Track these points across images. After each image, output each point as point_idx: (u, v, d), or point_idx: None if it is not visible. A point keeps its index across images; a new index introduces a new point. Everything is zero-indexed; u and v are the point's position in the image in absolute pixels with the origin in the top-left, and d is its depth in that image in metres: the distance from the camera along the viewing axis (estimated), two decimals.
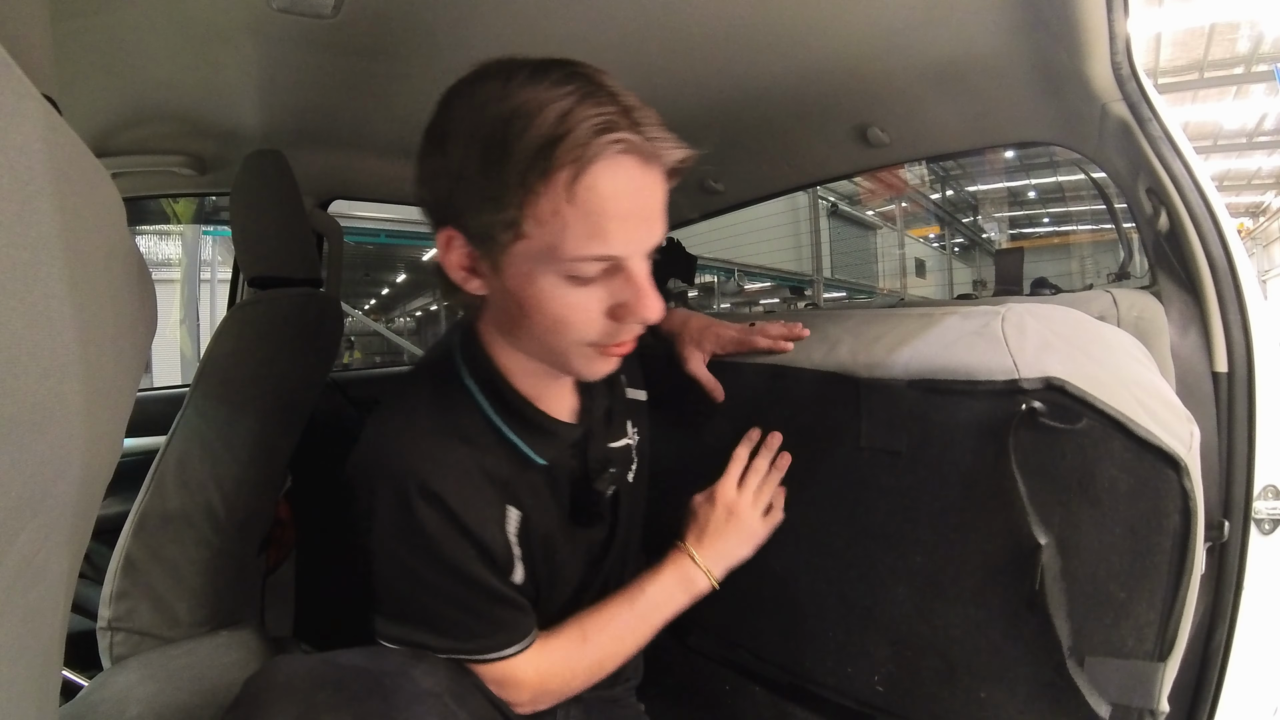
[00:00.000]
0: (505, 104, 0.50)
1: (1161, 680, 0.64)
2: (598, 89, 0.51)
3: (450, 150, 0.53)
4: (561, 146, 0.49)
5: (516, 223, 0.51)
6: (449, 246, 0.56)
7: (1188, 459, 0.62)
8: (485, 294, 0.59)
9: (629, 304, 0.55)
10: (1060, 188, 11.47)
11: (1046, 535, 0.66)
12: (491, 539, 0.61)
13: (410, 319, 13.13)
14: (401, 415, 0.62)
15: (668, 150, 0.53)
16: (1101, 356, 0.68)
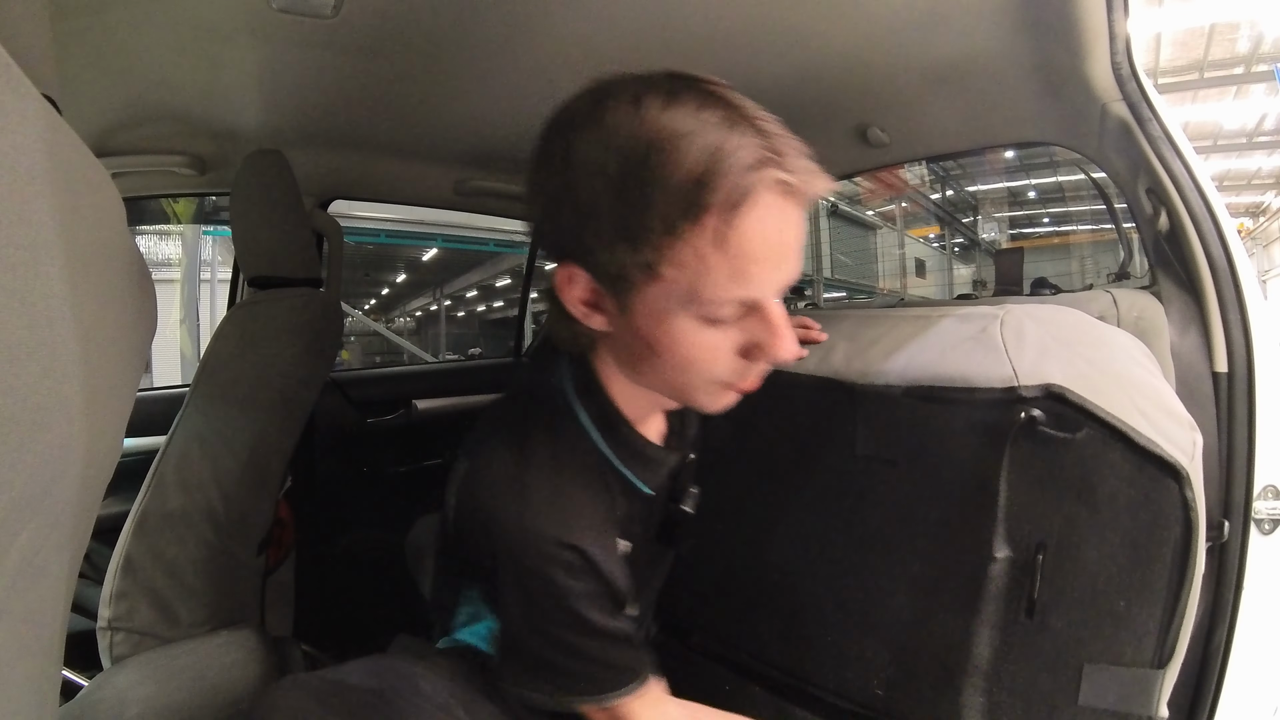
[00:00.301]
0: (641, 134, 0.46)
1: (1161, 687, 0.64)
2: (738, 115, 0.47)
3: (577, 182, 0.48)
4: (710, 187, 0.45)
5: (653, 264, 0.48)
6: (571, 281, 0.53)
7: (1189, 468, 0.61)
8: (608, 330, 0.55)
9: (763, 344, 0.52)
10: (1060, 188, 11.47)
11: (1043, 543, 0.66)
12: (619, 579, 0.60)
13: (410, 319, 13.14)
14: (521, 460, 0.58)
15: (815, 183, 0.49)
16: (1102, 360, 0.67)
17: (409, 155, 1.39)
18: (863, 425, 0.76)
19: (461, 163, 1.46)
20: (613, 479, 0.62)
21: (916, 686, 0.74)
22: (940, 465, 0.72)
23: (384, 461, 1.69)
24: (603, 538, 0.59)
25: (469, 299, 12.99)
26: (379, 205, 1.89)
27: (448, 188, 1.53)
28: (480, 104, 1.13)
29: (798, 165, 0.47)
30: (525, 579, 0.55)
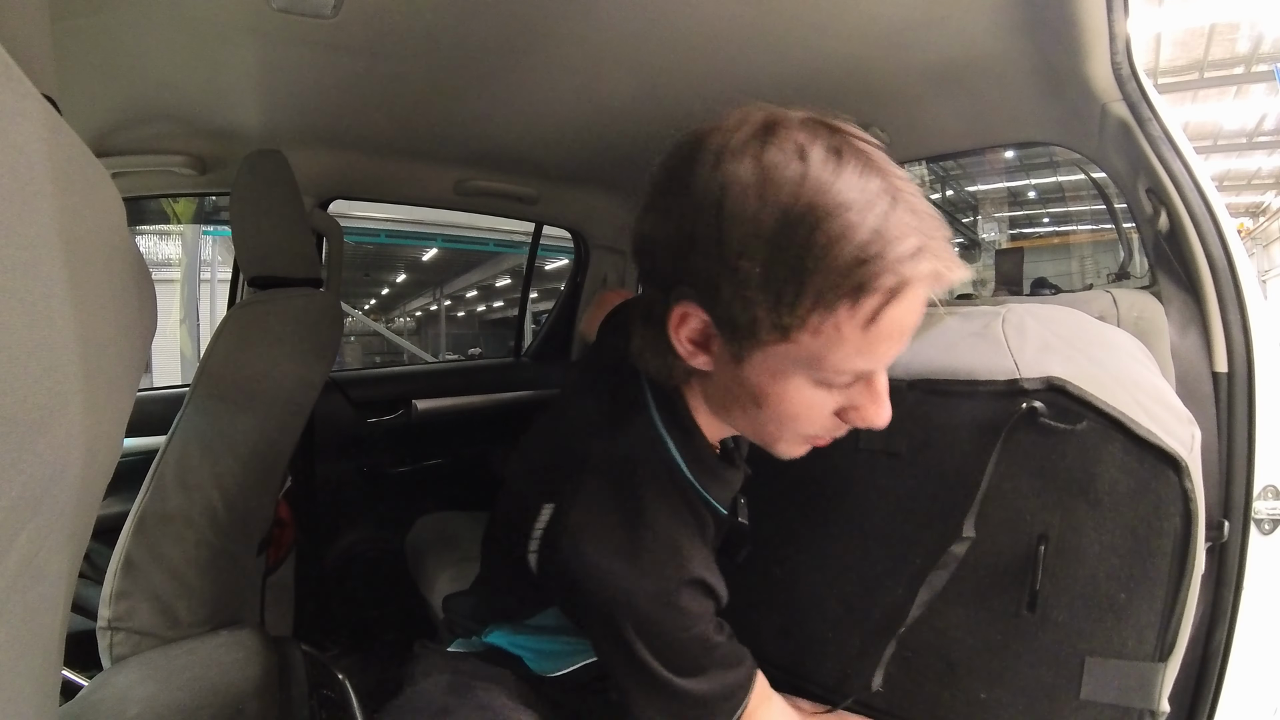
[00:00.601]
0: (806, 197, 0.44)
1: (1162, 681, 0.64)
2: (894, 188, 0.46)
3: (724, 228, 0.46)
4: (874, 273, 0.44)
5: (789, 328, 0.47)
6: (684, 321, 0.52)
7: (1188, 460, 0.62)
8: (709, 370, 0.55)
9: (862, 409, 0.53)
10: (1060, 188, 11.47)
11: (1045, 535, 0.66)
12: (723, 595, 0.61)
13: (410, 319, 13.14)
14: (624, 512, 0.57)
15: (955, 275, 0.48)
16: (1102, 357, 0.68)
17: (409, 155, 1.39)
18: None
19: (461, 163, 1.46)
20: (699, 504, 0.62)
21: (917, 682, 0.74)
22: (943, 458, 0.72)
23: (384, 461, 1.69)
24: (708, 561, 0.60)
25: (469, 299, 12.99)
26: (379, 205, 1.89)
27: (448, 188, 1.53)
28: (480, 104, 1.13)
29: (946, 253, 0.47)
30: (647, 626, 0.55)
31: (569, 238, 1.92)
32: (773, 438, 0.57)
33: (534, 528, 0.59)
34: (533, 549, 0.58)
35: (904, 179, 0.48)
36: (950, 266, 0.47)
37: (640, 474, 0.58)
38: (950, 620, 0.72)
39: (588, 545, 0.55)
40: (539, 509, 0.59)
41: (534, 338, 2.12)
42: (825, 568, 0.81)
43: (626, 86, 1.06)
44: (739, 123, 0.49)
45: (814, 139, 0.47)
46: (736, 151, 0.47)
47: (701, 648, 0.58)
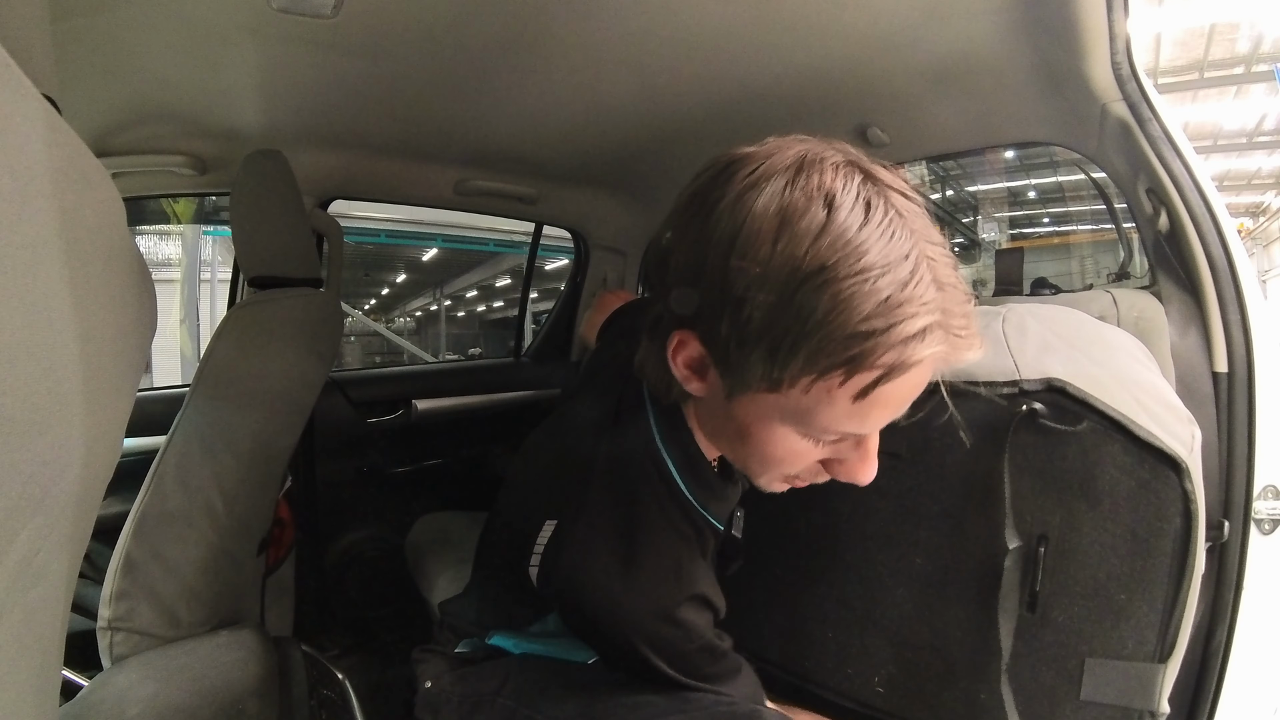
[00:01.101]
0: (823, 255, 0.42)
1: (1162, 682, 0.64)
2: (919, 249, 0.43)
3: (735, 269, 0.44)
4: (876, 349, 0.42)
5: (780, 383, 0.45)
6: (682, 347, 0.51)
7: (1189, 460, 0.62)
8: (702, 397, 0.54)
9: (847, 465, 0.53)
10: (1060, 188, 11.46)
11: (1045, 536, 0.66)
12: (722, 606, 0.62)
13: (410, 319, 13.13)
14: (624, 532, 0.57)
15: (963, 353, 0.45)
16: (1102, 357, 0.68)
17: (409, 155, 1.39)
18: None
19: (461, 163, 1.46)
20: (698, 519, 0.62)
21: (918, 683, 0.74)
22: (943, 458, 0.72)
23: (384, 461, 1.69)
24: (706, 576, 0.61)
25: (469, 299, 12.99)
26: (379, 205, 1.89)
27: (448, 188, 1.53)
28: (480, 104, 1.13)
29: (961, 332, 0.44)
30: (654, 641, 0.56)
31: (569, 238, 1.92)
32: (753, 472, 0.57)
33: (535, 543, 0.58)
34: (534, 563, 0.58)
35: (936, 244, 0.45)
36: (960, 348, 0.45)
37: (641, 492, 0.58)
38: (950, 620, 0.72)
39: (589, 565, 0.55)
40: (541, 524, 0.59)
41: (534, 338, 2.12)
42: (825, 568, 0.81)
43: (626, 86, 1.06)
44: (772, 153, 0.46)
45: (845, 186, 0.44)
46: (762, 186, 0.44)
47: (709, 657, 0.59)
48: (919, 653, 0.74)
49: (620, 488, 0.58)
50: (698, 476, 0.61)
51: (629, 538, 0.56)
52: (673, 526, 0.59)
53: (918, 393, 0.47)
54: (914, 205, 0.46)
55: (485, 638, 0.71)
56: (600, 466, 0.59)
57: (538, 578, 0.58)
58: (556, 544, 0.57)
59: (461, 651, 0.73)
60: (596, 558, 0.55)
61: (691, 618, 0.57)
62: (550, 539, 0.58)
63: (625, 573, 0.55)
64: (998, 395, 0.69)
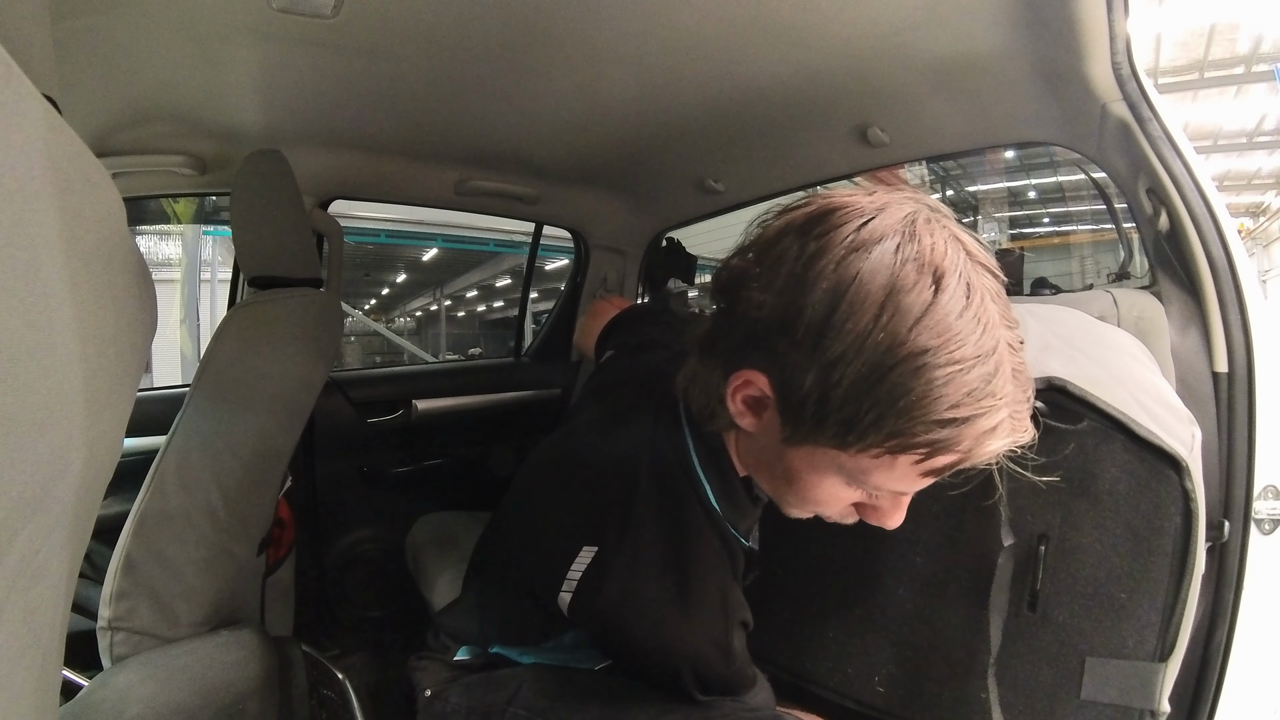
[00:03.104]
0: (920, 336, 0.42)
1: (1162, 681, 0.64)
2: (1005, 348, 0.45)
3: (829, 331, 0.44)
4: (955, 434, 0.43)
5: (849, 445, 0.46)
6: (746, 387, 0.51)
7: (1189, 459, 0.62)
8: (751, 433, 0.54)
9: (881, 512, 0.54)
10: (1060, 188, 11.46)
11: (1045, 535, 0.66)
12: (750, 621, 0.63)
13: (410, 319, 13.13)
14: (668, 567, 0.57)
15: (1025, 435, 0.47)
16: (1102, 357, 0.68)
17: (409, 155, 1.39)
18: None
19: (461, 163, 1.46)
20: (731, 542, 0.62)
21: (918, 683, 0.74)
22: None
23: (384, 461, 1.69)
24: (741, 596, 0.62)
25: (469, 299, 12.99)
26: (379, 205, 1.89)
27: (448, 188, 1.53)
28: (480, 104, 1.13)
29: (1023, 421, 0.47)
30: (699, 667, 0.56)
31: (569, 238, 1.92)
32: (786, 505, 0.58)
33: (568, 570, 0.57)
34: (566, 590, 0.57)
35: (1012, 328, 0.47)
36: (1021, 436, 0.47)
37: (686, 521, 0.58)
38: (950, 619, 0.72)
39: (639, 596, 0.55)
40: (575, 550, 0.57)
41: (534, 338, 2.12)
42: (825, 567, 0.81)
43: (626, 86, 1.06)
44: (880, 208, 0.46)
45: (953, 265, 0.44)
46: (870, 249, 0.44)
47: (740, 680, 0.60)
48: (919, 652, 0.74)
49: (664, 516, 0.58)
50: (732, 500, 0.61)
51: (678, 569, 0.56)
52: (714, 552, 0.59)
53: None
54: (998, 285, 0.47)
55: (487, 646, 0.71)
56: (641, 493, 0.58)
57: (570, 605, 0.57)
58: (598, 574, 0.56)
59: (461, 659, 0.72)
60: (646, 589, 0.55)
61: (735, 643, 0.58)
62: (589, 568, 0.56)
63: (677, 604, 0.55)
64: None
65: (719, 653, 0.56)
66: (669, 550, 0.57)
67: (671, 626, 0.55)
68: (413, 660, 0.74)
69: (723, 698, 0.58)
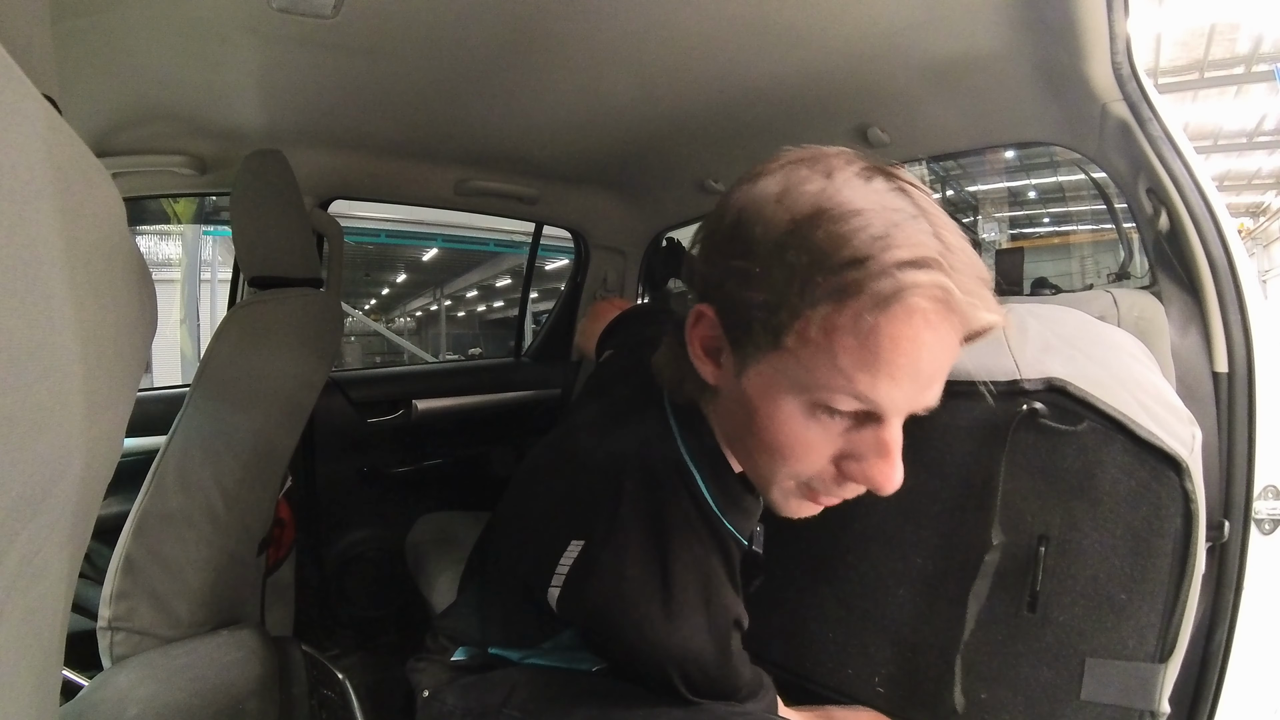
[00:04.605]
0: (822, 200, 0.44)
1: (1162, 682, 0.64)
2: (924, 213, 0.45)
3: (743, 230, 0.47)
4: (868, 271, 0.42)
5: (781, 330, 0.45)
6: (699, 320, 0.52)
7: (1189, 460, 0.62)
8: (715, 386, 0.54)
9: (865, 463, 0.48)
10: (1060, 188, 11.46)
11: (1045, 536, 0.66)
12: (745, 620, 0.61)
13: (410, 319, 13.13)
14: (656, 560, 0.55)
15: (977, 311, 0.44)
16: (1103, 357, 0.68)
17: (409, 155, 1.39)
18: None
19: (461, 163, 1.46)
20: (725, 537, 0.60)
21: (918, 682, 0.74)
22: (943, 458, 0.72)
23: (384, 461, 1.69)
24: (734, 595, 0.59)
25: (469, 299, 12.99)
26: (379, 205, 1.89)
27: (448, 188, 1.53)
28: (480, 104, 1.13)
29: (968, 283, 0.44)
30: (683, 666, 0.54)
31: (569, 238, 1.92)
32: (769, 481, 0.55)
33: (558, 565, 0.56)
34: (555, 584, 0.56)
35: (944, 218, 0.46)
36: (968, 291, 0.43)
37: (671, 512, 0.57)
38: (950, 620, 0.72)
39: (622, 592, 0.54)
40: (563, 545, 0.57)
41: (534, 338, 2.12)
42: (825, 568, 0.81)
43: (626, 86, 1.06)
44: (787, 153, 0.50)
45: (848, 164, 0.46)
46: (773, 172, 0.48)
47: (734, 682, 0.58)
48: (918, 652, 0.74)
49: (650, 510, 0.56)
50: (726, 492, 0.59)
51: (662, 564, 0.55)
52: (703, 547, 0.57)
53: (927, 359, 0.45)
54: (925, 195, 0.47)
55: (486, 647, 0.71)
56: (628, 486, 0.57)
57: (558, 600, 0.56)
58: (584, 568, 0.55)
59: (459, 660, 0.72)
60: (629, 584, 0.54)
61: (722, 642, 0.56)
62: (576, 562, 0.56)
63: (659, 600, 0.54)
64: (998, 395, 0.69)
65: (706, 652, 0.55)
66: (654, 545, 0.55)
67: (654, 622, 0.53)
68: (411, 662, 0.73)
69: (714, 701, 0.57)
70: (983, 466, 0.70)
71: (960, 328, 0.45)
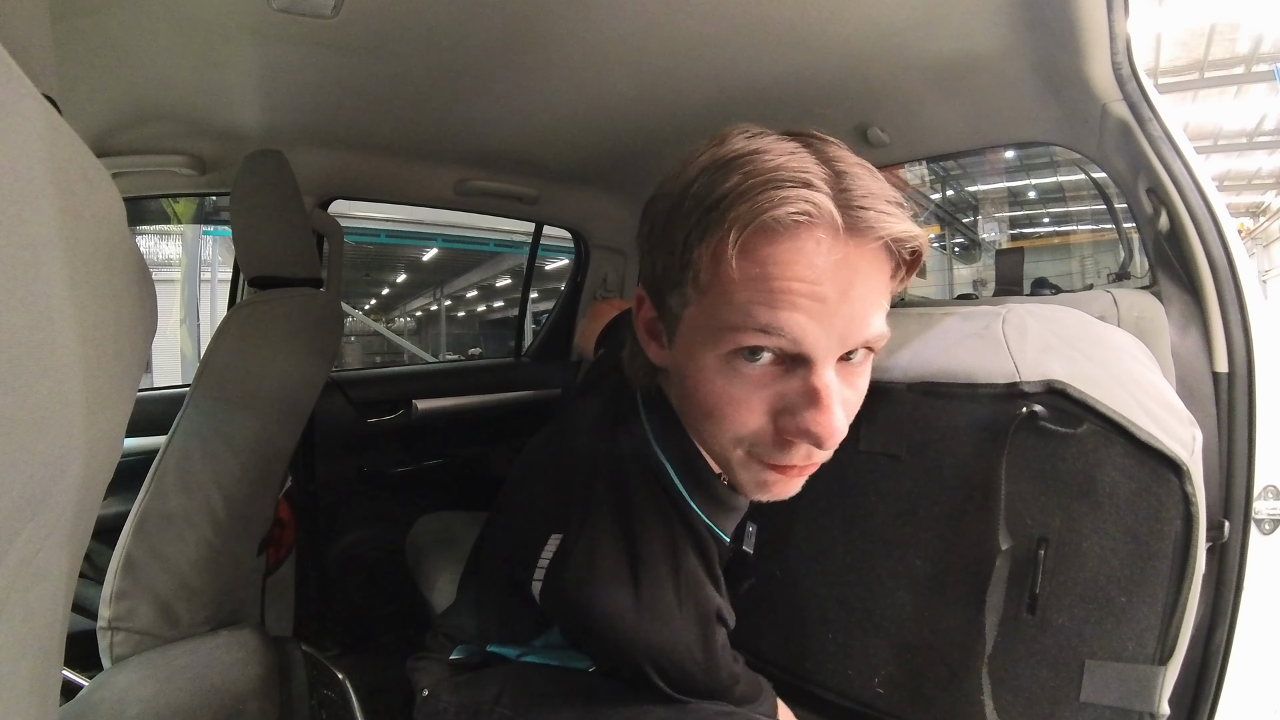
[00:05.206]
0: (715, 156, 0.45)
1: (1162, 684, 0.64)
2: (826, 159, 0.43)
3: (655, 202, 0.50)
4: (731, 199, 0.42)
5: (683, 284, 0.46)
6: (640, 304, 0.54)
7: (1189, 462, 0.62)
8: (662, 365, 0.54)
9: (799, 415, 0.45)
10: (1060, 188, 11.46)
11: (1045, 538, 0.66)
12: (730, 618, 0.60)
13: (410, 319, 13.13)
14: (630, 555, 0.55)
15: (873, 224, 0.42)
16: (1102, 358, 0.68)
17: (409, 155, 1.39)
18: (866, 421, 0.77)
19: (461, 163, 1.46)
20: (703, 532, 0.59)
21: (918, 684, 0.74)
22: (943, 460, 0.72)
23: (384, 461, 1.69)
24: (714, 589, 0.58)
25: (469, 299, 12.99)
26: (379, 205, 1.89)
27: (448, 188, 1.53)
28: (480, 104, 1.13)
29: (856, 201, 0.42)
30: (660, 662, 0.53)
31: (569, 238, 1.92)
32: (720, 454, 0.53)
33: (539, 558, 0.56)
34: (537, 578, 0.56)
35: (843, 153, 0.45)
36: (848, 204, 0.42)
37: (642, 504, 0.56)
38: (950, 621, 0.72)
39: (593, 582, 0.53)
40: (545, 538, 0.57)
41: (534, 338, 2.12)
42: (826, 570, 0.81)
43: (626, 86, 1.06)
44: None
45: (745, 131, 0.47)
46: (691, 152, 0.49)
47: (719, 681, 0.57)
48: (919, 654, 0.74)
49: (619, 499, 0.56)
50: (701, 485, 0.58)
51: (631, 556, 0.54)
52: (677, 540, 0.57)
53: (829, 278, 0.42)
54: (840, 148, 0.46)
55: (484, 644, 0.71)
56: (600, 477, 0.57)
57: (540, 593, 0.56)
58: (560, 560, 0.55)
59: (457, 658, 0.72)
60: (599, 575, 0.53)
61: (699, 638, 0.55)
62: (554, 555, 0.56)
63: (628, 592, 0.53)
64: (997, 397, 0.69)
65: (680, 646, 0.54)
66: (623, 537, 0.55)
67: (625, 615, 0.52)
68: (411, 661, 0.73)
69: (704, 702, 0.56)
70: (982, 469, 0.69)
71: (861, 246, 0.43)
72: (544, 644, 0.66)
